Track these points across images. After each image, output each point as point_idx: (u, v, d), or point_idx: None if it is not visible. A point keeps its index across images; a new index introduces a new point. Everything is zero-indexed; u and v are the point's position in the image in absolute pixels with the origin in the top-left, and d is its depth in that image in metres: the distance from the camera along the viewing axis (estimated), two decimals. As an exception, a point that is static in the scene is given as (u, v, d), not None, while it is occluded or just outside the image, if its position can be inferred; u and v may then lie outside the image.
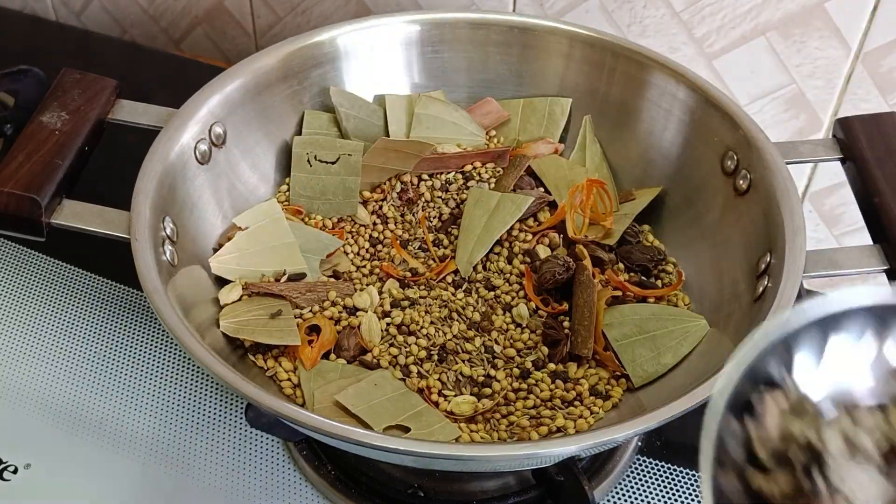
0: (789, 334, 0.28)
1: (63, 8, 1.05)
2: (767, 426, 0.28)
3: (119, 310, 0.72)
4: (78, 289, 0.73)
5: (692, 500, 0.62)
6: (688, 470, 0.64)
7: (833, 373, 0.29)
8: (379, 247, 0.69)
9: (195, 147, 0.65)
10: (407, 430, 0.56)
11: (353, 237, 0.70)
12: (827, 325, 0.28)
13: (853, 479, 0.27)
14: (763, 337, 0.27)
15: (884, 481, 0.27)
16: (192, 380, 0.68)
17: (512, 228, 0.67)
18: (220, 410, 0.67)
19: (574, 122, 0.74)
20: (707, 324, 0.61)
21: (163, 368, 0.69)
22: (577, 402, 0.59)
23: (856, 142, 0.63)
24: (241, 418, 0.66)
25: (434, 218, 0.70)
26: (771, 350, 0.28)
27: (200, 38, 1.02)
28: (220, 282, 0.64)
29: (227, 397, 0.67)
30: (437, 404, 0.59)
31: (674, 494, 0.62)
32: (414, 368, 0.60)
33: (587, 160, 0.72)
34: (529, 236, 0.68)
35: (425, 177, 0.71)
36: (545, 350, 0.62)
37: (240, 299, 0.63)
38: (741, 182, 0.63)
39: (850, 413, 0.28)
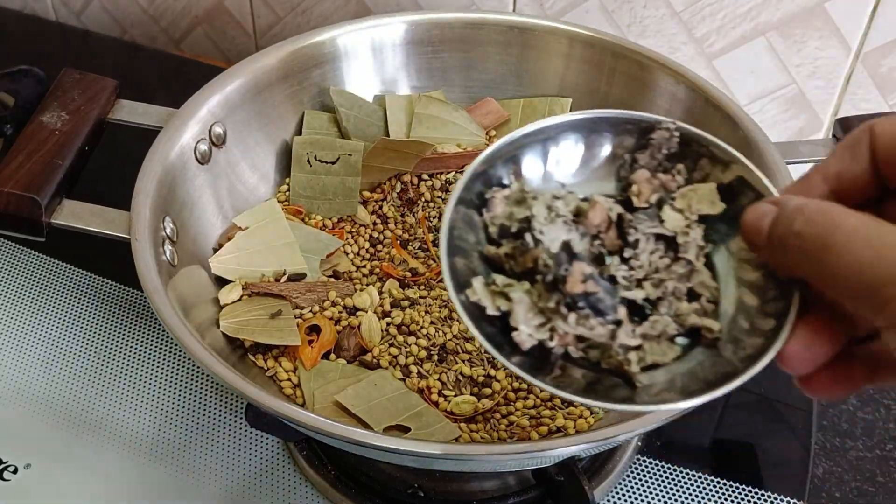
0: (516, 148, 0.39)
1: (63, 8, 1.05)
2: (496, 211, 0.39)
3: (119, 310, 0.72)
4: (78, 289, 0.73)
5: (692, 499, 0.62)
6: (688, 470, 0.63)
7: (553, 170, 0.40)
8: (379, 247, 0.69)
9: (195, 147, 0.65)
10: (407, 430, 0.56)
11: (353, 237, 0.69)
12: (547, 139, 0.40)
13: (550, 231, 0.38)
14: (486, 153, 0.39)
15: (572, 229, 0.38)
16: (192, 380, 0.68)
17: (512, 228, 0.67)
18: (220, 411, 0.67)
19: (574, 121, 0.74)
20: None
21: (163, 368, 0.69)
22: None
23: (856, 142, 0.63)
24: (241, 418, 0.66)
25: (434, 218, 0.70)
26: (498, 162, 0.39)
27: (200, 38, 1.02)
28: (220, 282, 0.64)
29: (226, 397, 0.67)
30: (437, 404, 0.59)
31: (674, 494, 0.62)
32: (414, 368, 0.60)
33: (587, 160, 0.72)
34: (529, 236, 0.68)
35: (425, 177, 0.71)
36: (545, 350, 0.62)
37: (240, 299, 0.63)
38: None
39: (556, 193, 0.39)
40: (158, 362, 0.69)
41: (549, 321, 0.37)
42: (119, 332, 0.71)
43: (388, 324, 0.63)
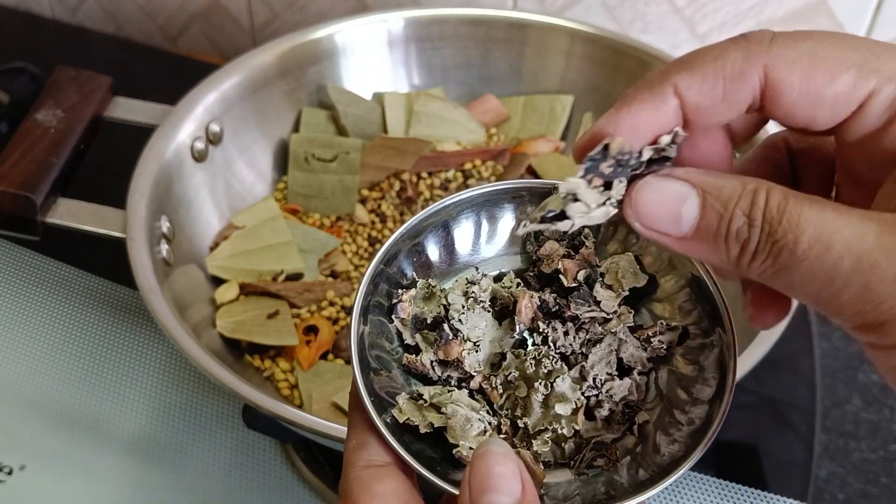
0: (417, 235, 0.36)
1: (58, 5, 1.05)
2: (403, 314, 0.36)
3: (115, 309, 0.71)
4: (73, 288, 0.73)
5: (695, 501, 0.62)
6: (690, 471, 0.63)
7: (462, 253, 0.37)
8: (377, 246, 0.68)
9: (192, 145, 0.64)
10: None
11: (351, 236, 0.69)
12: (448, 220, 0.36)
13: (469, 320, 0.35)
14: (383, 249, 0.35)
15: (490, 317, 0.36)
16: (188, 380, 0.68)
17: (512, 227, 0.67)
18: (217, 411, 0.66)
19: (576, 119, 0.74)
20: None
21: (159, 369, 0.68)
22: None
23: (860, 140, 0.62)
24: (238, 419, 0.65)
25: (433, 216, 0.69)
26: (400, 255, 0.36)
27: (197, 35, 1.01)
28: (217, 281, 0.64)
29: (223, 398, 0.67)
30: (436, 405, 0.58)
31: (676, 496, 0.62)
32: (413, 369, 0.60)
33: (588, 158, 0.72)
34: (530, 235, 0.67)
35: (424, 175, 0.71)
36: (546, 350, 0.61)
37: (236, 299, 0.62)
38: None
39: (471, 279, 0.36)
40: (154, 362, 0.68)
41: (492, 428, 0.34)
42: (115, 332, 0.70)
43: (386, 324, 0.62)
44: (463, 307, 0.36)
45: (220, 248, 0.65)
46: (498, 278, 0.37)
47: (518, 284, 0.36)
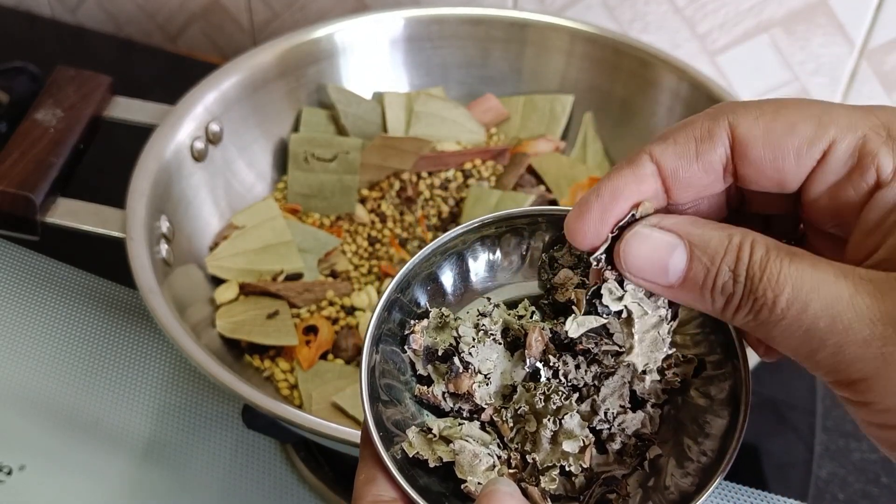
0: (431, 265, 0.35)
1: (58, 4, 1.05)
2: (415, 345, 0.35)
3: (114, 309, 0.71)
4: (72, 288, 0.73)
5: (695, 502, 0.62)
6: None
7: (477, 280, 0.37)
8: (377, 246, 0.68)
9: (191, 145, 0.64)
10: (406, 431, 0.55)
11: (350, 236, 0.69)
12: (465, 248, 0.36)
13: (480, 353, 0.35)
14: (397, 277, 0.35)
15: (501, 349, 0.35)
16: (187, 380, 0.68)
17: (512, 227, 0.67)
18: (217, 412, 0.66)
19: (576, 118, 0.73)
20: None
21: (158, 369, 0.68)
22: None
23: (860, 139, 0.62)
24: (238, 420, 0.65)
25: (433, 216, 0.69)
26: (415, 283, 0.35)
27: (196, 34, 1.01)
28: (217, 281, 0.64)
29: (223, 398, 0.67)
30: (436, 405, 0.58)
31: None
32: (413, 369, 0.60)
33: (588, 158, 0.72)
34: (530, 235, 0.67)
35: (424, 175, 0.71)
36: (546, 350, 0.61)
37: (236, 299, 0.62)
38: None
39: (482, 311, 0.36)
40: (154, 362, 0.68)
41: (501, 462, 0.34)
42: (114, 332, 0.70)
43: (386, 324, 0.62)
44: (474, 339, 0.35)
45: (219, 248, 0.64)
46: (513, 305, 0.37)
47: (532, 313, 0.36)
